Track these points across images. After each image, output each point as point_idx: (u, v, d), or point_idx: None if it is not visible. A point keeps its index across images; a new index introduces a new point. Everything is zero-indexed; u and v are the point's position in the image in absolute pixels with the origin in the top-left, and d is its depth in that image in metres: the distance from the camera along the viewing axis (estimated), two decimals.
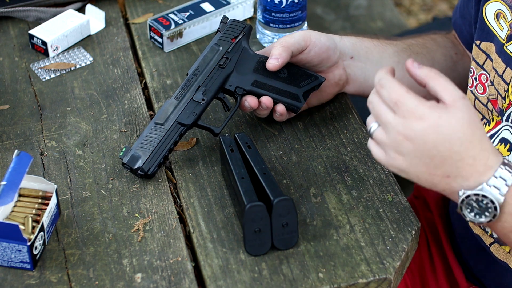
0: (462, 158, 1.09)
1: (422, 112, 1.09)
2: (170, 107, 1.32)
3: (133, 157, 1.29)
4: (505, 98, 1.29)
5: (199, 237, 1.23)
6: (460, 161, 1.09)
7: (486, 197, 1.10)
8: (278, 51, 1.34)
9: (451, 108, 1.09)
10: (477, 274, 1.42)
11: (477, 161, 1.10)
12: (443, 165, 1.10)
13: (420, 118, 1.08)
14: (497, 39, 1.30)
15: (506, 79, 1.28)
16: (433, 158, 1.10)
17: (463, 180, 1.11)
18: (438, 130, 1.08)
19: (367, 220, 1.25)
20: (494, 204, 1.10)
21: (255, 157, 1.26)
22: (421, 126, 1.08)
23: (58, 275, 1.18)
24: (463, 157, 1.09)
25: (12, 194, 1.17)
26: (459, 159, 1.09)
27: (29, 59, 1.55)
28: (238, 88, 1.36)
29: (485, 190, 1.10)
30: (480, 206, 1.11)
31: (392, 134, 1.10)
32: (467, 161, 1.10)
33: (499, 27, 1.29)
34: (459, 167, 1.10)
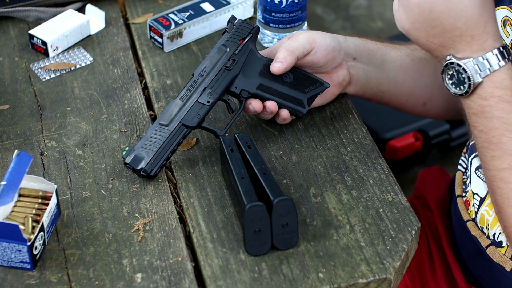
0: (462, 35, 1.16)
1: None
2: (175, 108, 1.31)
3: (136, 158, 1.28)
4: None
5: (199, 237, 1.23)
6: (459, 36, 1.16)
7: (465, 71, 1.16)
8: (283, 54, 1.33)
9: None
10: (476, 276, 1.42)
11: (475, 40, 1.16)
12: (442, 36, 1.17)
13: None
14: None
15: None
16: (434, 28, 1.16)
17: (455, 51, 1.17)
18: (448, 4, 1.15)
19: (367, 220, 1.25)
20: (470, 82, 1.17)
21: (255, 157, 1.26)
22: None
23: (58, 275, 1.18)
24: (463, 34, 1.16)
25: (12, 194, 1.17)
26: (459, 35, 1.16)
27: (29, 59, 1.55)
28: (243, 91, 1.35)
29: (468, 65, 1.16)
30: (458, 77, 1.18)
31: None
32: (465, 38, 1.16)
33: (506, 33, 1.30)
34: (456, 41, 1.17)
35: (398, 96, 1.47)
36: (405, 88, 1.46)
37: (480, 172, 1.35)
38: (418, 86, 1.47)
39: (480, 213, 1.35)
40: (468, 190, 1.40)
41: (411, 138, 2.35)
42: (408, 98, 1.49)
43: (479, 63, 1.16)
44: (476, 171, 1.36)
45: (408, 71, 1.46)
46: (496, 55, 1.16)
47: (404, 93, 1.47)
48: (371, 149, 1.37)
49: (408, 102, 1.49)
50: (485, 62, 1.16)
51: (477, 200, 1.36)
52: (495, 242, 1.33)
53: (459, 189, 1.44)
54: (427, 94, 1.48)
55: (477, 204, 1.36)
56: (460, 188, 1.44)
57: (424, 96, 1.49)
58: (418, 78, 1.47)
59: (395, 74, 1.44)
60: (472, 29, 1.15)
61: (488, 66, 1.16)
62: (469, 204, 1.39)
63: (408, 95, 1.48)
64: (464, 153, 1.47)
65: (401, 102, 1.49)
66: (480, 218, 1.36)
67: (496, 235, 1.33)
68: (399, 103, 1.49)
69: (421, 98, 1.49)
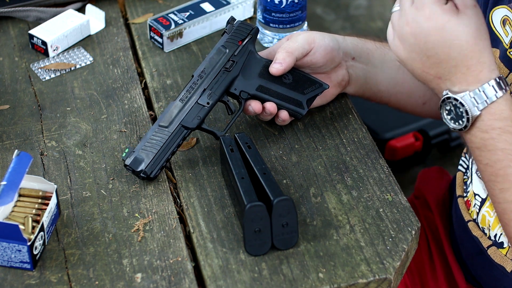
0: (457, 65, 1.15)
1: (434, 11, 1.13)
2: (174, 109, 1.31)
3: (136, 160, 1.28)
4: None
5: (199, 237, 1.23)
6: (454, 67, 1.15)
7: (463, 105, 1.15)
8: (282, 55, 1.33)
9: (461, 14, 1.13)
10: (476, 276, 1.42)
11: (470, 71, 1.15)
12: (437, 67, 1.15)
13: (429, 17, 1.13)
14: (502, 44, 1.30)
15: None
16: (430, 58, 1.15)
17: (451, 84, 1.16)
18: (441, 34, 1.13)
19: (367, 220, 1.25)
20: (468, 116, 1.15)
21: (255, 157, 1.26)
22: (427, 25, 1.13)
23: (58, 275, 1.18)
24: (458, 64, 1.14)
25: (12, 194, 1.17)
26: (454, 65, 1.15)
27: (29, 59, 1.55)
28: (243, 93, 1.35)
29: (465, 99, 1.15)
30: (456, 112, 1.16)
31: (402, 22, 1.16)
32: (460, 69, 1.15)
33: (505, 32, 1.30)
34: (451, 72, 1.15)
35: (397, 95, 1.47)
36: (405, 88, 1.46)
37: None
38: (418, 85, 1.47)
39: (481, 214, 1.35)
40: (469, 190, 1.40)
41: (411, 138, 2.35)
42: (408, 98, 1.49)
43: (476, 95, 1.14)
44: (477, 172, 1.36)
45: (407, 71, 1.46)
46: (493, 86, 1.14)
47: (403, 93, 1.47)
48: (371, 149, 1.37)
49: (407, 102, 1.49)
50: (482, 94, 1.14)
51: (478, 201, 1.36)
52: (496, 243, 1.33)
53: (459, 189, 1.44)
54: (427, 94, 1.48)
55: (478, 205, 1.36)
56: (460, 189, 1.44)
57: (423, 95, 1.49)
58: None
59: (394, 74, 1.44)
60: (467, 59, 1.14)
61: (485, 98, 1.14)
62: (470, 204, 1.39)
63: (408, 95, 1.48)
64: (465, 153, 1.47)
65: (400, 102, 1.49)
66: (481, 218, 1.36)
67: (498, 236, 1.33)
68: (398, 103, 1.49)
69: (420, 97, 1.49)
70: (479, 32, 1.14)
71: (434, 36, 1.13)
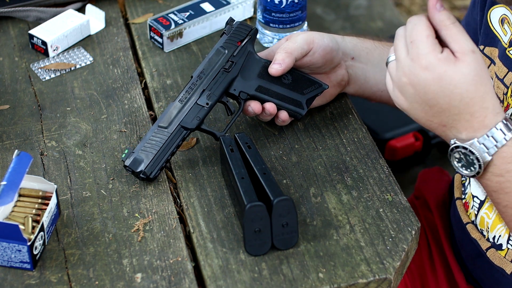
0: (460, 113, 1.12)
1: (430, 62, 1.11)
2: (174, 110, 1.31)
3: (136, 160, 1.28)
4: (503, 101, 1.29)
5: (199, 237, 1.23)
6: (457, 115, 1.12)
7: (473, 153, 1.12)
8: (281, 56, 1.33)
9: (458, 62, 1.11)
10: (476, 278, 1.42)
11: (474, 118, 1.12)
12: (440, 115, 1.13)
13: (426, 68, 1.11)
14: (501, 43, 1.30)
15: (506, 83, 1.28)
16: (432, 107, 1.13)
17: (457, 131, 1.14)
18: (440, 83, 1.11)
19: (367, 220, 1.25)
20: (479, 162, 1.13)
21: (255, 157, 1.26)
22: (425, 76, 1.11)
23: (58, 275, 1.18)
24: (461, 112, 1.12)
25: (12, 194, 1.17)
26: (457, 113, 1.12)
27: (29, 59, 1.55)
28: (242, 93, 1.35)
29: (474, 146, 1.12)
30: (466, 159, 1.14)
31: (399, 73, 1.14)
32: (464, 116, 1.12)
33: (503, 31, 1.30)
34: (455, 120, 1.13)
35: None
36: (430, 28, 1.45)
37: None
38: None
39: (480, 216, 1.35)
40: (467, 192, 1.40)
41: (411, 138, 2.35)
42: None
43: (485, 141, 1.12)
44: None
45: None
46: (501, 129, 1.12)
47: None
48: (371, 149, 1.37)
49: None
50: (491, 139, 1.12)
51: (476, 202, 1.36)
52: (495, 245, 1.33)
53: (458, 191, 1.44)
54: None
55: (477, 206, 1.36)
56: (459, 191, 1.44)
57: None
58: None
59: None
60: (469, 106, 1.11)
61: (495, 142, 1.12)
62: (468, 206, 1.39)
63: None
64: None
65: None
66: (480, 220, 1.36)
67: (496, 238, 1.33)
68: None
69: None
70: (479, 78, 1.11)
71: (433, 86, 1.11)
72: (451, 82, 1.10)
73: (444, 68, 1.10)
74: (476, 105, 1.11)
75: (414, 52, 1.11)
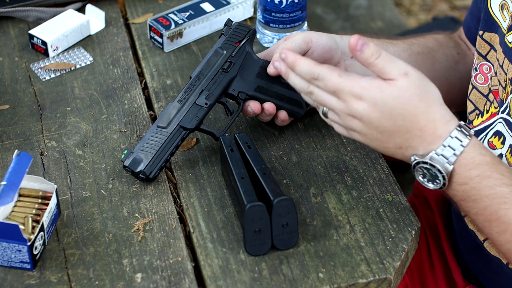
0: (409, 131, 1.14)
1: (359, 92, 1.14)
2: (173, 110, 1.31)
3: (135, 161, 1.28)
4: (505, 88, 1.30)
5: (199, 237, 1.23)
6: (408, 133, 1.14)
7: (434, 166, 1.14)
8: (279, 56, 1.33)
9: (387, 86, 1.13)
10: (474, 272, 1.42)
11: (424, 132, 1.14)
12: (393, 138, 1.15)
13: (359, 98, 1.14)
14: (501, 29, 1.30)
15: (505, 69, 1.29)
16: (382, 133, 1.15)
17: (414, 150, 1.16)
18: (378, 109, 1.13)
19: (367, 220, 1.25)
20: (442, 174, 1.14)
21: (255, 157, 1.26)
22: (362, 106, 1.14)
23: (58, 275, 1.18)
24: (409, 130, 1.14)
25: (12, 194, 1.17)
26: (406, 132, 1.14)
27: (29, 59, 1.55)
28: (241, 93, 1.35)
29: (434, 159, 1.14)
30: (430, 173, 1.15)
31: (341, 116, 1.17)
32: (414, 133, 1.14)
33: (503, 17, 1.30)
34: (408, 139, 1.15)
35: None
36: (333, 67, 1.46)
37: None
38: None
39: None
40: None
41: None
42: None
43: (443, 152, 1.13)
44: None
45: None
46: (456, 137, 1.13)
47: None
48: (371, 149, 1.37)
49: None
50: (448, 149, 1.13)
51: None
52: None
53: None
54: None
55: None
56: None
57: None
58: None
59: None
60: (415, 122, 1.13)
61: (453, 151, 1.13)
62: None
63: None
64: None
65: None
66: None
67: None
68: None
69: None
70: (416, 95, 1.13)
71: (373, 113, 1.13)
72: (386, 104, 1.13)
73: (373, 93, 1.13)
74: (421, 120, 1.13)
75: (343, 95, 1.15)
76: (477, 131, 1.36)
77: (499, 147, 1.30)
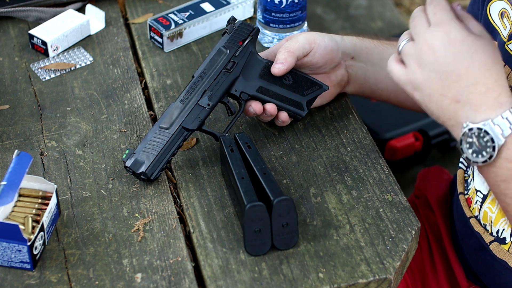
0: (476, 83, 1.11)
1: (453, 27, 1.13)
2: (175, 111, 1.31)
3: (137, 162, 1.28)
4: None
5: (199, 237, 1.23)
6: (473, 85, 1.11)
7: (488, 133, 1.10)
8: (283, 55, 1.33)
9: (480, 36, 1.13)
10: (477, 273, 1.42)
11: (490, 91, 1.11)
12: (456, 85, 1.12)
13: (448, 31, 1.12)
14: (500, 37, 1.30)
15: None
16: (449, 74, 1.12)
17: (471, 109, 1.12)
18: (461, 46, 1.12)
19: (367, 220, 1.25)
20: (493, 144, 1.10)
21: (255, 157, 1.26)
22: (447, 38, 1.12)
23: (58, 275, 1.18)
24: (477, 81, 1.11)
25: (12, 194, 1.17)
26: (473, 83, 1.11)
27: (29, 59, 1.55)
28: (243, 94, 1.35)
29: (489, 126, 1.10)
30: (480, 143, 1.11)
31: (419, 44, 1.14)
32: (479, 88, 1.11)
33: (503, 25, 1.30)
34: (471, 92, 1.11)
35: (396, 92, 1.47)
36: None
37: None
38: None
39: (483, 210, 1.35)
40: (470, 188, 1.40)
41: (411, 138, 2.35)
42: (407, 95, 1.48)
43: (499, 123, 1.10)
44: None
45: None
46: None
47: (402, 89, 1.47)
48: (371, 149, 1.37)
49: (407, 99, 1.49)
50: (505, 122, 1.10)
51: (479, 197, 1.36)
52: (498, 239, 1.33)
53: (460, 186, 1.44)
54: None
55: (480, 201, 1.36)
56: (461, 186, 1.44)
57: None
58: None
59: None
60: (486, 76, 1.11)
61: (509, 125, 1.10)
62: (471, 201, 1.39)
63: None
64: None
65: (399, 99, 1.49)
66: (483, 215, 1.36)
67: (500, 231, 1.33)
68: (397, 100, 1.49)
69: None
70: (496, 56, 1.12)
71: (454, 49, 1.11)
72: (473, 46, 1.11)
73: (466, 33, 1.12)
74: (492, 77, 1.11)
75: (437, 18, 1.13)
76: None
77: None
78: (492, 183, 1.15)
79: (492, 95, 1.11)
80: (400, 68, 1.17)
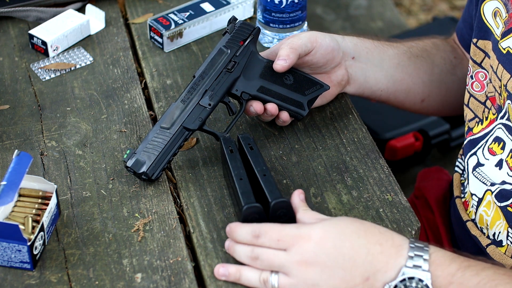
0: (369, 249, 1.09)
1: (305, 231, 1.11)
2: (176, 110, 1.31)
3: (138, 162, 1.28)
4: (501, 94, 1.30)
5: (199, 237, 1.23)
6: (369, 254, 1.09)
7: (412, 278, 1.08)
8: (286, 52, 1.33)
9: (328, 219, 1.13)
10: None
11: (384, 244, 1.10)
12: (356, 267, 1.09)
13: (308, 238, 1.10)
14: (494, 36, 1.31)
15: (499, 76, 1.29)
16: (343, 266, 1.09)
17: (383, 273, 1.09)
18: (330, 236, 1.09)
19: (367, 220, 1.25)
20: (424, 282, 1.08)
21: (256, 158, 1.26)
22: (313, 243, 1.09)
23: (58, 275, 1.18)
24: (368, 248, 1.09)
25: (12, 194, 1.17)
26: (367, 252, 1.09)
27: (29, 59, 1.55)
28: (244, 93, 1.34)
29: (408, 273, 1.08)
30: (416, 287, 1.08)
31: (294, 272, 1.10)
32: (374, 249, 1.09)
33: (496, 24, 1.30)
34: (372, 261, 1.09)
35: (396, 93, 1.47)
36: (403, 86, 1.47)
37: (477, 173, 1.35)
38: (416, 83, 1.47)
39: (479, 214, 1.36)
40: (466, 191, 1.40)
41: (411, 138, 2.35)
42: (406, 96, 1.49)
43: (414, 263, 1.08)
44: (473, 172, 1.36)
45: (405, 69, 1.46)
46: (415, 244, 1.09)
47: (402, 90, 1.47)
48: (371, 149, 1.37)
49: (406, 100, 1.50)
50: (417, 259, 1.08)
51: (475, 200, 1.36)
52: (495, 242, 1.34)
53: (457, 190, 1.44)
54: (425, 91, 1.49)
55: (476, 204, 1.36)
56: (458, 189, 1.44)
57: (422, 93, 1.49)
58: (415, 75, 1.47)
59: (393, 72, 1.45)
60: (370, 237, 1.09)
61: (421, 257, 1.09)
62: (468, 205, 1.39)
63: (406, 93, 1.48)
64: (461, 154, 1.47)
65: (399, 99, 1.49)
66: (479, 218, 1.36)
67: (496, 234, 1.33)
68: (397, 100, 1.49)
69: (419, 95, 1.49)
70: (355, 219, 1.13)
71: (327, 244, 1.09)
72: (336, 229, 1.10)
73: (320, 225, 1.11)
74: (374, 234, 1.10)
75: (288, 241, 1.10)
76: (477, 138, 1.36)
77: (498, 152, 1.30)
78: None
79: (388, 245, 1.10)
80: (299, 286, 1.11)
